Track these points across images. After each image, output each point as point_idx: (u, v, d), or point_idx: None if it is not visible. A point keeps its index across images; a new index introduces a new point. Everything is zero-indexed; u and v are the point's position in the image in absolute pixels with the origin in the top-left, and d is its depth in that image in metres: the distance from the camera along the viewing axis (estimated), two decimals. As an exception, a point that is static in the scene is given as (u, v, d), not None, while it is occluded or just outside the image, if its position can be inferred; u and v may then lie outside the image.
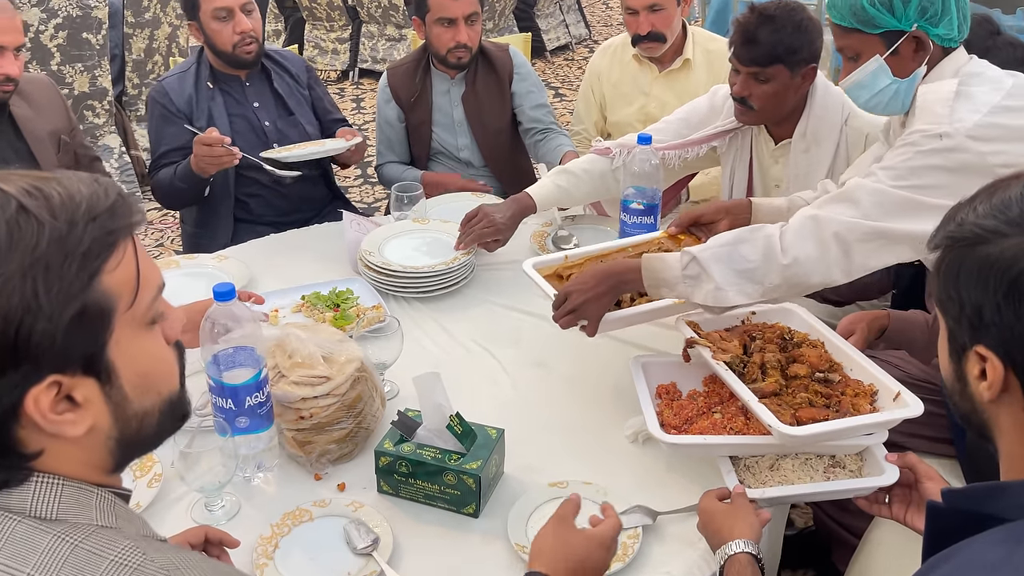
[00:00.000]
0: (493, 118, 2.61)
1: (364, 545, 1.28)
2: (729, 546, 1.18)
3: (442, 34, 2.45)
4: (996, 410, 0.79)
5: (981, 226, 0.76)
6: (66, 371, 0.72)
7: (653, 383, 1.55)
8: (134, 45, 4.10)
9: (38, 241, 0.69)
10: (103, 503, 0.76)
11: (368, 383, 1.49)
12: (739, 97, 1.98)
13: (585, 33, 7.02)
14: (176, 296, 1.84)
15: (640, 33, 2.47)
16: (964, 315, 0.78)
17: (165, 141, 2.39)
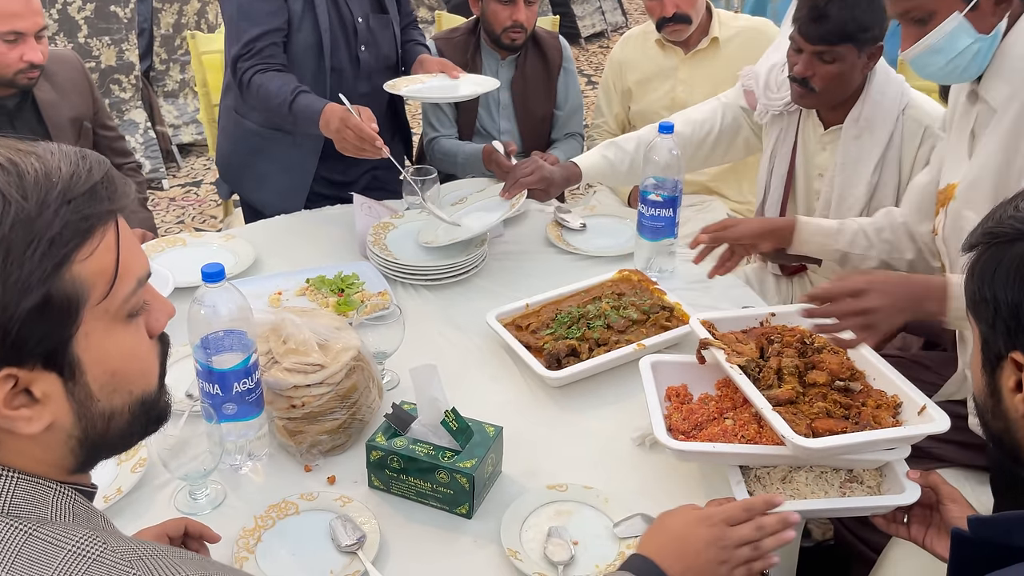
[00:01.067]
0: (538, 106, 2.55)
1: (349, 543, 1.23)
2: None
3: (499, 11, 2.38)
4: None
5: (1022, 220, 0.71)
6: (23, 365, 0.66)
7: (663, 385, 1.47)
8: (163, 20, 4.09)
9: (0, 221, 0.63)
10: (61, 499, 0.71)
11: (365, 373, 1.44)
12: (800, 78, 1.88)
13: (621, 21, 6.89)
14: (182, 274, 1.81)
15: (665, 15, 2.39)
16: (999, 318, 0.72)
17: (257, 21, 2.01)
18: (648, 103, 2.55)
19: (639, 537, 1.12)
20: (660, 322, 1.68)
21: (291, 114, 1.98)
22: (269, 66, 2.03)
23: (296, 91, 1.97)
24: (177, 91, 4.35)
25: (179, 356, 1.61)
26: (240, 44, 2.01)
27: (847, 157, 1.93)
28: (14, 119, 2.06)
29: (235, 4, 2.02)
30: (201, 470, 1.27)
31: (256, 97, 2.03)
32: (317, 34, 2.08)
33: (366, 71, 2.20)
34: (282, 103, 1.98)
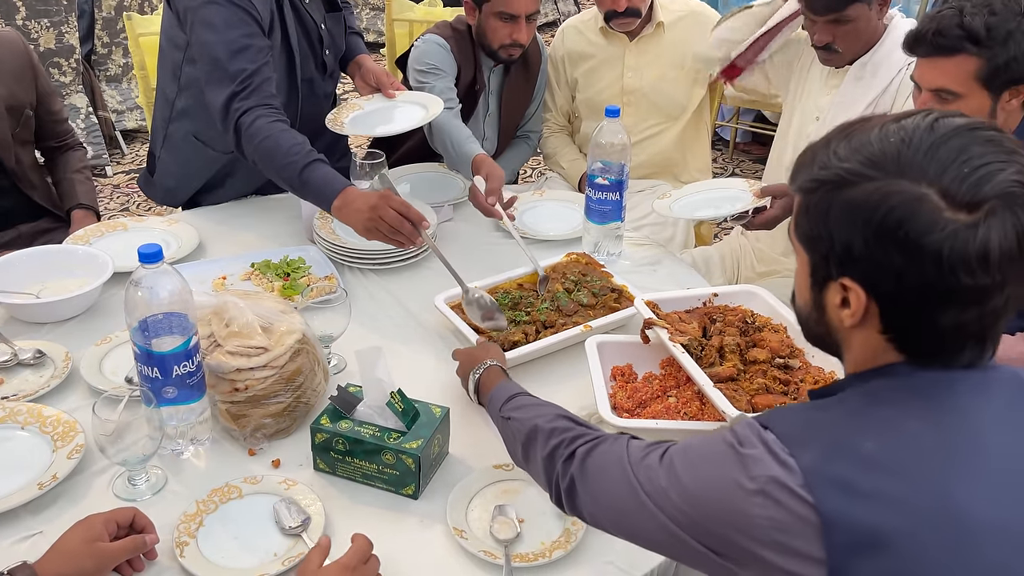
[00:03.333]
0: (520, 108, 2.50)
1: (294, 525, 1.22)
2: (485, 362, 1.35)
3: (499, 28, 2.24)
4: (850, 334, 0.87)
5: (845, 168, 0.82)
6: None
7: (608, 364, 1.49)
8: (104, 2, 3.97)
9: None
10: None
11: (310, 356, 1.42)
12: (822, 45, 1.95)
13: (574, 9, 6.90)
14: (122, 259, 1.77)
15: (617, 9, 2.37)
16: (833, 251, 0.84)
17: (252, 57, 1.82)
18: (596, 91, 2.55)
19: None
20: (608, 303, 1.69)
21: (300, 180, 1.75)
22: (272, 111, 1.82)
23: (312, 158, 1.76)
24: (120, 76, 4.24)
25: (120, 340, 1.57)
26: (235, 82, 1.79)
27: (844, 97, 1.99)
28: None
29: (222, 42, 1.81)
30: (140, 455, 1.25)
31: (256, 148, 1.79)
32: (288, 51, 1.99)
33: (329, 73, 2.15)
34: (292, 165, 1.75)
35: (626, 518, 0.95)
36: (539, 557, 1.19)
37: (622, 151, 1.84)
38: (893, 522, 0.77)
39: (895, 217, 0.78)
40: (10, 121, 2.05)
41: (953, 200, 0.77)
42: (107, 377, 1.50)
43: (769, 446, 0.82)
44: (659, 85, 2.49)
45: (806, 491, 0.78)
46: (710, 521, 0.85)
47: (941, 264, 0.77)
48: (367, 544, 1.11)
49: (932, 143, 0.80)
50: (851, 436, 0.81)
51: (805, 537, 0.78)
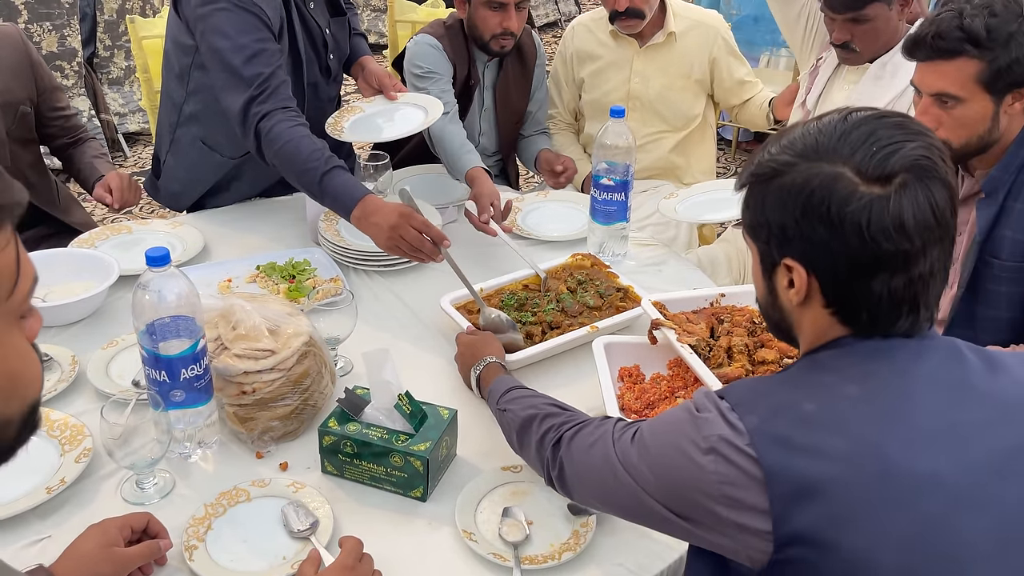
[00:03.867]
0: (518, 103, 2.49)
1: (302, 528, 1.22)
2: (485, 359, 1.41)
3: (489, 18, 2.23)
4: (800, 313, 0.95)
5: (776, 161, 0.91)
6: None
7: (616, 365, 1.48)
8: (106, 5, 3.98)
9: None
10: None
11: (317, 358, 1.42)
12: (840, 43, 1.96)
13: (575, 10, 6.89)
14: (126, 261, 1.77)
15: (618, 9, 2.37)
16: (772, 235, 0.92)
17: (267, 60, 1.81)
18: (602, 93, 2.55)
19: None
20: (615, 304, 1.69)
21: (319, 187, 1.75)
22: (292, 115, 1.81)
23: (332, 165, 1.75)
24: (122, 79, 4.24)
25: (126, 344, 1.57)
26: (252, 86, 1.78)
27: (861, 95, 2.00)
28: None
29: (235, 48, 1.80)
30: (148, 459, 1.25)
31: (276, 153, 1.78)
32: (296, 55, 1.98)
33: (334, 76, 2.15)
34: (311, 171, 1.74)
35: (606, 491, 1.02)
36: (548, 559, 1.19)
37: (627, 152, 1.84)
38: (829, 472, 0.84)
39: (818, 195, 0.87)
40: (4, 117, 2.00)
41: (865, 175, 0.86)
42: (114, 380, 1.49)
43: (720, 410, 0.91)
44: (665, 95, 2.50)
45: (751, 448, 0.87)
46: (672, 482, 0.93)
47: (862, 233, 0.86)
48: (358, 543, 1.13)
49: (844, 130, 0.89)
50: (793, 399, 0.90)
51: (750, 489, 0.86)
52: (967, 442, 0.88)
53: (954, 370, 0.92)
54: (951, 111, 1.47)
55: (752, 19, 4.04)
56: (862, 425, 0.87)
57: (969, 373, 0.92)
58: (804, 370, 0.94)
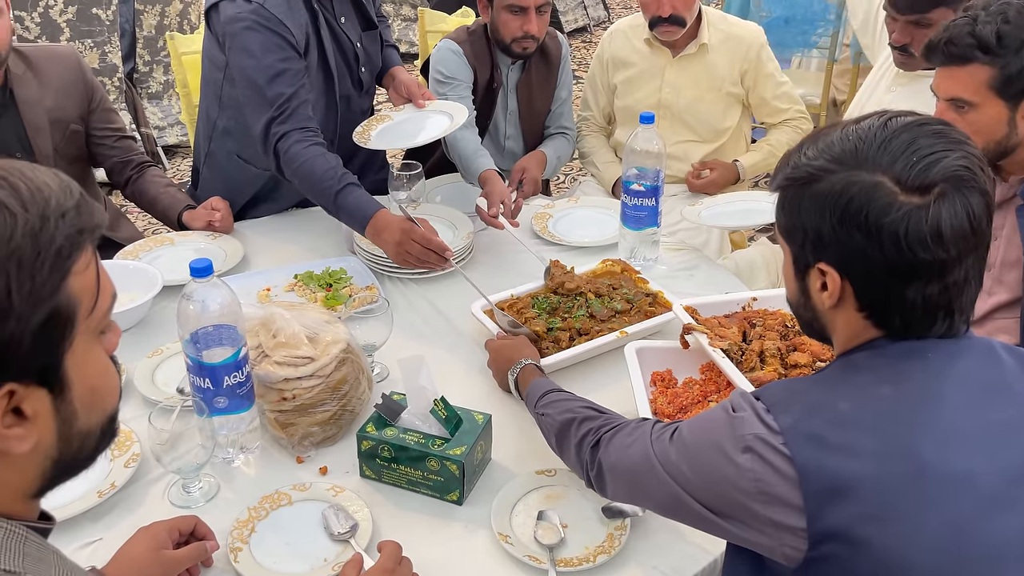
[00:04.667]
0: (542, 104, 2.52)
1: (342, 531, 1.25)
2: (520, 362, 1.43)
3: (510, 21, 2.28)
4: (834, 315, 0.96)
5: (813, 165, 0.92)
6: (22, 380, 0.64)
7: (648, 370, 1.50)
8: (145, 21, 4.08)
9: (11, 234, 0.63)
10: (12, 540, 0.69)
11: (354, 365, 1.45)
12: (899, 46, 1.94)
13: (604, 15, 6.90)
14: (170, 272, 1.82)
15: (661, 15, 2.37)
16: (807, 239, 0.93)
17: (290, 81, 1.88)
18: (634, 100, 2.56)
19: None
20: (644, 309, 1.70)
21: (335, 204, 1.84)
22: (309, 135, 1.88)
23: (346, 183, 1.84)
24: (161, 93, 4.34)
25: (171, 352, 1.62)
26: (273, 106, 1.87)
27: (910, 103, 1.98)
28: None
29: (260, 68, 1.87)
30: (194, 464, 1.29)
31: (295, 172, 1.88)
32: (326, 69, 2.03)
33: (366, 88, 2.20)
34: (327, 189, 1.84)
35: (644, 490, 1.04)
36: (583, 562, 1.21)
37: (657, 157, 1.85)
38: (862, 471, 0.86)
39: (856, 203, 0.88)
40: (53, 134, 2.06)
41: (905, 185, 0.87)
42: (159, 388, 1.54)
43: (756, 410, 0.92)
44: (695, 106, 2.50)
45: (785, 447, 0.88)
46: (710, 480, 0.94)
47: (899, 242, 0.87)
48: (397, 547, 1.16)
49: (885, 138, 0.90)
50: (827, 399, 0.92)
51: (785, 487, 0.88)
52: (1001, 442, 0.88)
53: (989, 370, 0.93)
54: (966, 116, 1.46)
55: (783, 20, 4.02)
56: (895, 425, 0.88)
57: (1004, 373, 0.93)
58: (838, 371, 0.95)
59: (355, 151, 2.21)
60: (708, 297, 1.63)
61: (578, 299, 1.74)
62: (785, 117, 2.55)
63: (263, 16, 1.86)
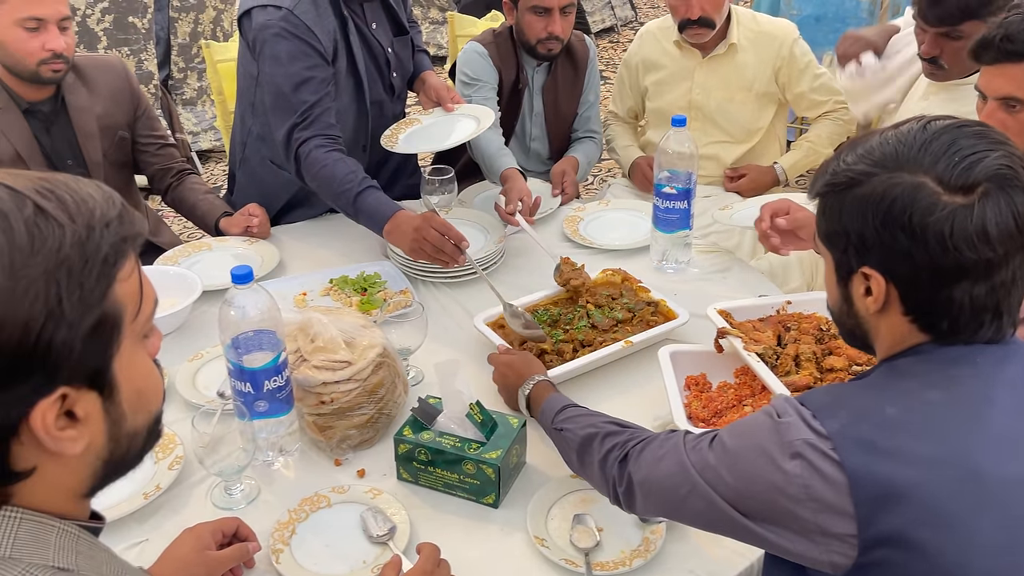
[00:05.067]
0: (568, 107, 2.53)
1: (381, 533, 1.27)
2: (533, 378, 1.40)
3: (534, 23, 2.31)
4: (877, 321, 0.96)
5: (853, 170, 0.92)
6: (74, 383, 0.67)
7: (682, 374, 1.50)
8: (179, 29, 4.14)
9: (60, 244, 0.65)
10: (64, 539, 0.71)
11: (391, 369, 1.47)
12: (928, 57, 1.91)
13: (631, 15, 6.88)
14: (208, 277, 1.86)
15: (690, 18, 2.37)
16: (850, 244, 0.93)
17: (314, 88, 1.92)
18: (665, 103, 2.56)
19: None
20: (645, 318, 1.70)
21: (354, 207, 1.88)
22: (329, 141, 1.92)
23: (365, 186, 1.87)
24: (195, 99, 4.41)
25: (211, 356, 1.65)
26: (296, 113, 1.91)
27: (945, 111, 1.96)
28: (50, 125, 2.06)
29: (286, 75, 1.91)
30: (235, 466, 1.31)
31: (314, 176, 1.92)
32: (356, 75, 2.06)
33: (398, 93, 2.23)
34: (346, 192, 1.87)
35: (678, 501, 1.02)
36: (619, 565, 1.21)
37: (689, 160, 1.85)
38: (914, 477, 0.85)
39: (899, 205, 0.88)
40: (103, 140, 2.13)
41: (948, 185, 0.87)
42: (200, 391, 1.57)
43: (802, 415, 0.91)
44: (726, 107, 2.50)
45: (834, 452, 0.87)
46: (755, 488, 0.93)
47: (945, 242, 0.86)
48: (436, 549, 1.17)
49: (925, 140, 0.90)
50: (874, 404, 0.91)
51: (835, 494, 0.86)
52: None
53: None
54: (1018, 115, 1.44)
55: (813, 19, 3.98)
56: (946, 430, 0.87)
57: None
58: (883, 376, 0.95)
59: (387, 156, 2.24)
60: (743, 301, 1.63)
61: (579, 310, 1.73)
62: (825, 110, 2.53)
63: (292, 23, 1.89)
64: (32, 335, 0.64)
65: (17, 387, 0.65)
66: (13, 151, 1.99)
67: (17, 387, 0.65)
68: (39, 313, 0.64)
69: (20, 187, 0.67)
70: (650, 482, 1.07)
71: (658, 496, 1.06)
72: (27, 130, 2.01)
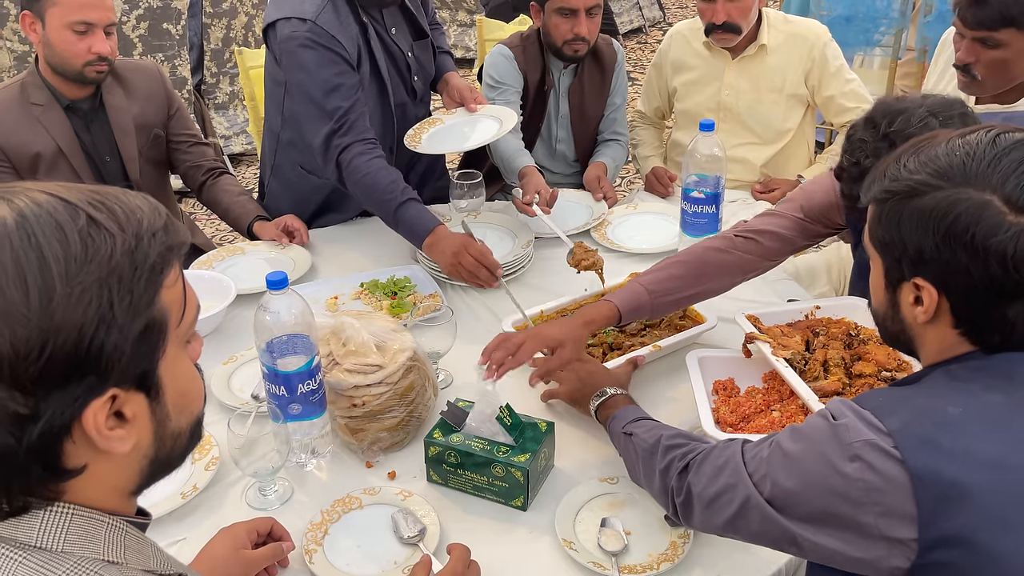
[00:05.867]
0: (594, 110, 2.55)
1: (411, 534, 1.29)
2: (611, 389, 1.39)
3: (560, 24, 2.33)
4: (924, 330, 0.96)
5: (915, 180, 0.90)
6: (123, 385, 0.71)
7: (710, 379, 1.50)
8: (212, 35, 4.21)
9: (112, 252, 0.69)
10: (114, 534, 0.74)
11: (421, 372, 1.50)
12: (962, 65, 1.86)
13: (659, 15, 6.86)
14: (242, 281, 1.90)
15: (715, 22, 2.38)
16: (906, 255, 0.92)
17: (345, 94, 1.94)
18: (694, 104, 2.57)
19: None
20: (673, 322, 1.71)
21: (394, 218, 1.92)
22: (370, 147, 1.95)
23: (406, 197, 1.91)
24: (227, 103, 4.48)
25: (245, 359, 1.68)
26: (332, 119, 1.93)
27: None
28: (90, 122, 2.16)
29: (316, 83, 1.93)
30: (269, 467, 1.34)
31: (357, 184, 1.95)
32: (379, 80, 2.08)
33: (420, 97, 2.25)
34: (388, 202, 1.91)
35: (735, 513, 1.00)
36: (647, 569, 1.22)
37: (717, 164, 1.86)
38: (979, 478, 0.83)
39: (962, 222, 0.87)
40: (139, 137, 2.22)
41: (1015, 205, 0.86)
42: (235, 394, 1.61)
43: (861, 415, 0.90)
44: (755, 108, 2.49)
45: (896, 450, 0.86)
46: (814, 494, 0.91)
47: (1006, 263, 0.86)
48: (466, 550, 1.19)
49: (995, 155, 0.88)
50: (935, 403, 0.90)
51: (897, 494, 0.85)
52: None
53: None
54: None
55: (844, 19, 3.95)
56: (1010, 432, 0.87)
57: None
58: (938, 379, 0.93)
59: (415, 159, 2.27)
60: (771, 306, 1.63)
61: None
62: (851, 118, 2.51)
63: (316, 33, 1.93)
64: (86, 339, 0.67)
65: (72, 388, 0.68)
66: (55, 146, 2.09)
67: (72, 388, 0.68)
68: (93, 318, 0.67)
69: (73, 199, 0.71)
70: (708, 496, 1.05)
71: (716, 511, 1.04)
72: (68, 127, 2.12)
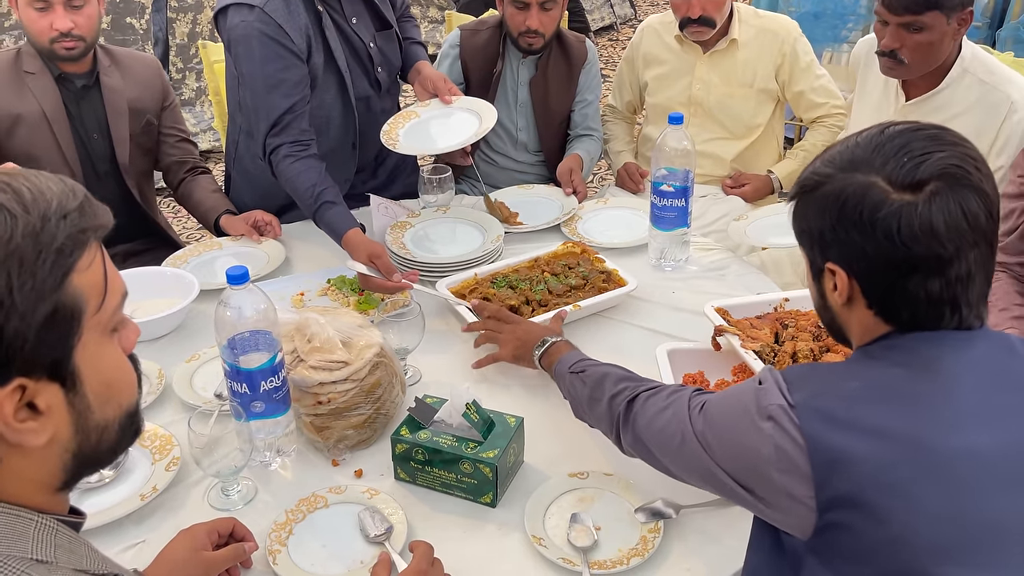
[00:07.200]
0: (559, 106, 2.54)
1: (378, 533, 1.26)
2: (550, 338, 1.48)
3: (515, 16, 2.34)
4: (848, 314, 1.02)
5: (818, 173, 0.99)
6: (32, 375, 0.68)
7: (679, 372, 1.50)
8: (177, 29, 4.15)
9: (12, 234, 0.66)
10: (43, 532, 0.71)
11: (388, 369, 1.47)
12: (888, 51, 1.89)
13: (630, 13, 6.88)
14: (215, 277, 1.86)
15: (691, 16, 2.37)
16: (814, 241, 1.00)
17: (287, 92, 1.94)
18: (665, 98, 2.56)
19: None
20: (597, 285, 1.81)
21: (315, 218, 1.94)
22: (298, 148, 1.95)
23: (322, 202, 1.90)
24: (194, 99, 4.41)
25: (207, 357, 1.65)
26: (269, 120, 1.94)
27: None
28: (81, 98, 2.15)
29: (260, 77, 1.93)
30: (232, 467, 1.31)
31: (285, 185, 1.98)
32: (338, 75, 2.05)
33: (385, 89, 2.22)
34: (308, 207, 1.94)
35: (674, 453, 1.11)
36: (617, 564, 1.21)
37: (687, 157, 1.85)
38: (862, 446, 0.90)
39: (851, 203, 0.94)
40: (132, 121, 2.21)
41: (897, 183, 0.92)
42: (197, 392, 1.57)
43: (779, 384, 0.99)
44: (725, 102, 2.49)
45: (797, 418, 0.94)
46: (736, 448, 1.00)
47: (893, 237, 0.91)
48: (429, 547, 1.18)
49: (879, 143, 0.96)
50: (841, 379, 0.98)
51: (797, 454, 0.93)
52: (1008, 423, 0.91)
53: (1001, 359, 0.96)
54: None
55: (812, 16, 3.98)
56: (902, 402, 0.92)
57: (1016, 363, 0.96)
58: (856, 359, 1.02)
59: (385, 154, 2.23)
60: (739, 298, 1.63)
61: (537, 277, 1.85)
62: (820, 114, 2.53)
63: (264, 21, 1.90)
64: None
65: None
66: (40, 109, 2.10)
67: None
68: None
69: None
70: (651, 432, 1.15)
71: (656, 447, 1.15)
72: (57, 96, 2.11)
